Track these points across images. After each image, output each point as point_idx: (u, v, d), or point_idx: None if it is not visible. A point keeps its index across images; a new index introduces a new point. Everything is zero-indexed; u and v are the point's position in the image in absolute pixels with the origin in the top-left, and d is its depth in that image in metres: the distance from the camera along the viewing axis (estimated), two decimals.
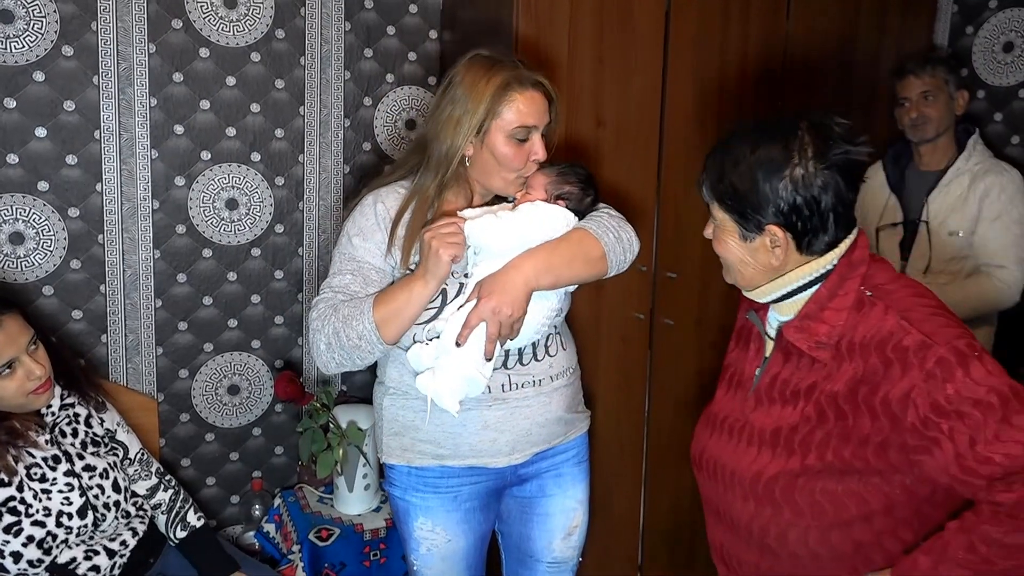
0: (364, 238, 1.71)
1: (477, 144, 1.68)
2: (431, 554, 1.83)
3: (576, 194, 1.76)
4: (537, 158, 1.69)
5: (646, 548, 2.68)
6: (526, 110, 1.65)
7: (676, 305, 2.53)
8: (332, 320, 1.63)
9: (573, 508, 1.91)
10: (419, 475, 1.80)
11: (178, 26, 2.25)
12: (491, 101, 1.64)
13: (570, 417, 1.86)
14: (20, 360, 1.73)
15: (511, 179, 1.70)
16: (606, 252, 1.73)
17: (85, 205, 2.23)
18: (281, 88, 2.39)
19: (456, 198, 1.77)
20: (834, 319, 1.31)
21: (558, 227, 1.70)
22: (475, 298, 1.63)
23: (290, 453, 2.58)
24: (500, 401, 1.74)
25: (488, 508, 1.88)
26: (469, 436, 1.75)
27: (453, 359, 1.61)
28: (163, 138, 2.29)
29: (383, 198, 1.74)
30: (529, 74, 1.68)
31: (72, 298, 2.26)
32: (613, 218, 1.79)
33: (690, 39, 2.39)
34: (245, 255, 2.43)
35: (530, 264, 1.64)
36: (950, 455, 1.19)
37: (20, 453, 1.76)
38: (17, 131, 2.13)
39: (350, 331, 1.61)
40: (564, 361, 1.83)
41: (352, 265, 1.70)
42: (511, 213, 1.69)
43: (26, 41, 2.11)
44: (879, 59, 2.69)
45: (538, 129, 1.69)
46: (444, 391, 1.63)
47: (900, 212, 2.50)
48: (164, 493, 2.03)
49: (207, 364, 2.44)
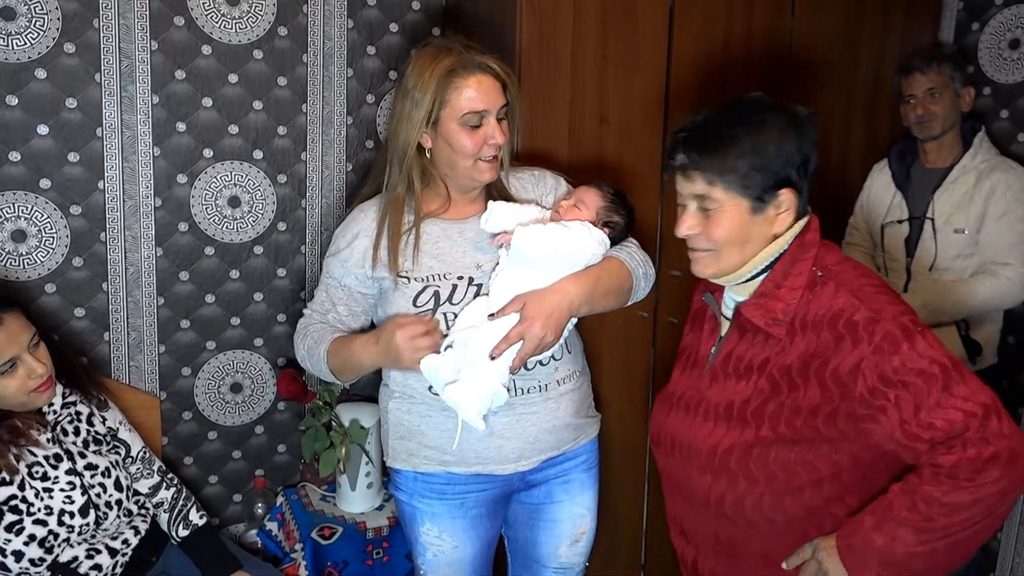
0: (339, 258, 1.77)
1: (433, 135, 1.68)
2: (437, 560, 1.82)
3: (620, 228, 1.79)
4: (495, 142, 1.67)
5: (649, 549, 2.67)
6: (475, 95, 1.64)
7: (680, 303, 2.52)
8: (303, 343, 1.81)
9: (581, 515, 1.90)
10: (425, 481, 1.79)
11: (180, 23, 2.24)
12: (437, 90, 1.64)
13: (579, 422, 1.84)
14: (21, 358, 1.73)
15: (470, 165, 1.69)
16: (633, 286, 1.77)
17: (87, 203, 2.22)
18: (283, 86, 2.38)
19: (433, 198, 1.76)
20: (789, 297, 1.38)
21: (599, 254, 1.72)
22: (512, 312, 1.61)
23: (292, 451, 2.58)
24: (505, 407, 1.71)
25: (495, 514, 1.87)
26: (475, 443, 1.73)
27: (480, 371, 1.60)
28: (165, 136, 2.28)
29: (364, 211, 1.78)
30: (475, 58, 1.66)
31: (74, 296, 2.25)
32: (640, 250, 1.82)
33: (694, 36, 2.38)
34: (247, 253, 2.42)
35: (576, 292, 1.65)
36: (895, 421, 1.27)
37: (22, 452, 1.76)
38: (19, 129, 2.13)
39: (313, 360, 1.77)
40: (570, 365, 1.81)
41: (328, 281, 1.81)
42: (561, 228, 1.67)
43: (28, 38, 2.10)
44: (884, 56, 2.68)
45: (490, 113, 1.66)
46: (471, 405, 1.60)
47: (905, 209, 2.49)
48: (166, 491, 2.03)
49: (209, 362, 2.44)
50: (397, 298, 1.71)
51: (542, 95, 2.23)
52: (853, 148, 2.72)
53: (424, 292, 1.68)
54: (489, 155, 1.69)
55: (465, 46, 1.68)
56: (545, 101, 2.23)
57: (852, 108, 2.70)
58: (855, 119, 2.71)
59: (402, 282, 1.70)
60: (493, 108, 1.66)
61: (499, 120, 1.68)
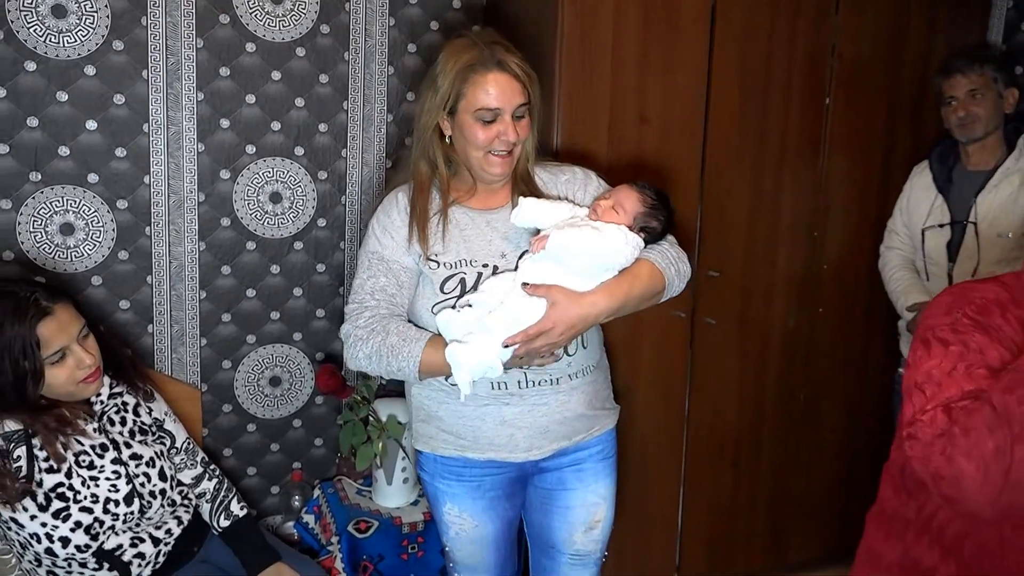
0: (390, 235, 1.76)
1: (451, 123, 1.74)
2: (460, 537, 1.89)
3: (656, 232, 1.78)
4: (507, 139, 1.70)
5: (684, 549, 2.66)
6: (491, 92, 1.68)
7: (718, 304, 2.51)
8: (380, 340, 1.69)
9: (595, 503, 1.90)
10: (444, 463, 1.85)
11: (225, 21, 2.27)
12: (454, 82, 1.69)
13: (593, 413, 1.85)
14: (71, 349, 1.76)
15: (481, 156, 1.73)
16: (666, 287, 1.76)
17: (133, 197, 2.26)
18: (325, 83, 2.40)
19: (460, 185, 1.81)
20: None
21: (631, 258, 1.72)
22: (541, 296, 1.63)
23: (329, 445, 2.60)
24: (517, 397, 1.75)
25: (513, 496, 1.91)
26: (487, 430, 1.78)
27: (486, 340, 1.62)
28: (209, 132, 2.31)
29: (402, 192, 1.80)
30: (496, 55, 1.69)
31: (120, 289, 2.29)
32: (673, 247, 1.81)
33: (736, 34, 2.37)
34: (288, 248, 2.45)
35: (605, 306, 1.67)
36: None
37: (69, 440, 1.79)
38: (68, 124, 2.17)
39: (394, 361, 1.67)
40: (583, 359, 1.82)
41: (383, 266, 1.75)
42: (597, 233, 1.67)
43: (78, 36, 2.14)
44: (930, 56, 2.64)
45: (504, 111, 1.69)
46: (465, 369, 1.63)
47: (947, 213, 2.45)
48: (209, 482, 2.06)
49: (249, 356, 2.47)
50: (424, 284, 1.74)
51: (582, 94, 2.23)
52: (897, 151, 2.69)
53: (451, 279, 1.71)
54: (500, 150, 1.72)
55: (491, 43, 1.71)
56: (585, 100, 2.23)
57: (896, 109, 2.67)
58: (899, 121, 2.68)
59: (432, 266, 1.72)
60: (507, 107, 1.69)
61: (517, 118, 1.71)
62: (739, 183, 2.49)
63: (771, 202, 2.55)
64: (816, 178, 2.61)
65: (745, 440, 2.68)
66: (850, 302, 2.75)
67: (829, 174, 2.62)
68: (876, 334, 2.80)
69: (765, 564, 2.82)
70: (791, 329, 2.67)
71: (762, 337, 2.63)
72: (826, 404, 2.79)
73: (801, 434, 2.77)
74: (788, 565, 2.87)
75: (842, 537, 2.95)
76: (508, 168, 1.76)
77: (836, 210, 2.66)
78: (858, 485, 2.92)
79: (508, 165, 1.75)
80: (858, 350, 2.80)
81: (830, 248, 2.68)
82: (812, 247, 2.64)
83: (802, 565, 2.89)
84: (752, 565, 2.80)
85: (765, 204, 2.54)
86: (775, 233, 2.58)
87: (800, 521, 2.84)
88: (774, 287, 2.62)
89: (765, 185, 2.53)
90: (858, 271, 2.73)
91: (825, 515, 2.88)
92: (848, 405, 2.83)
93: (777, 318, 2.64)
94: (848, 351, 2.78)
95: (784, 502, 2.79)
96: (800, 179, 2.58)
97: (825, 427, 2.81)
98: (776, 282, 2.62)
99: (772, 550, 2.83)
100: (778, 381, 2.69)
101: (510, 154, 1.74)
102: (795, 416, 2.75)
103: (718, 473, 2.67)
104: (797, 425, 2.76)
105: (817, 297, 2.69)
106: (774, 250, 2.59)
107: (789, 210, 2.59)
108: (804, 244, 2.63)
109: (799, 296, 2.66)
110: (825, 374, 2.76)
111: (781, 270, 2.61)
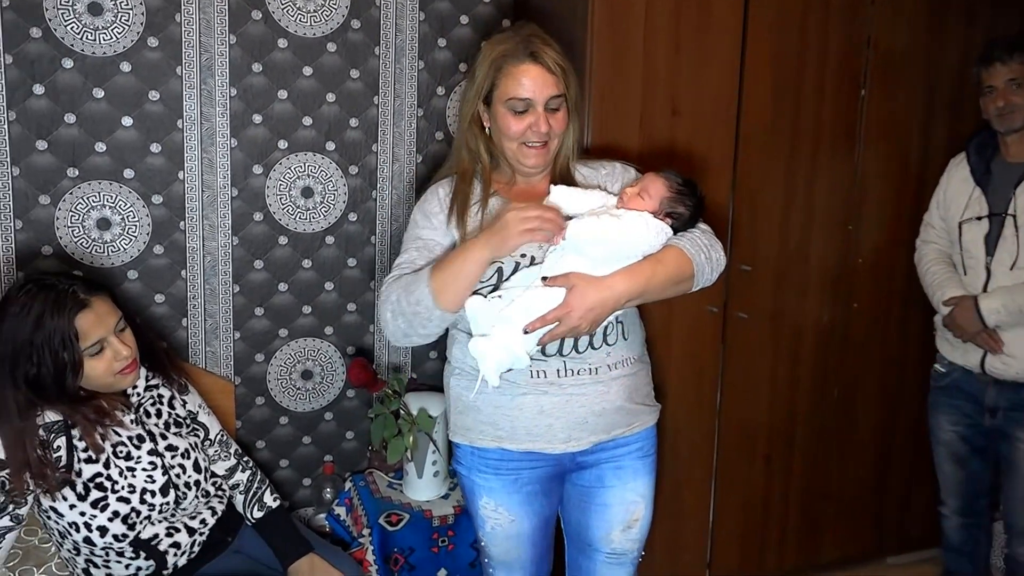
0: (428, 220, 1.80)
1: (488, 113, 1.78)
2: (495, 533, 1.88)
3: (684, 218, 1.76)
4: (539, 130, 1.72)
5: (715, 546, 2.65)
6: (523, 82, 1.71)
7: (750, 298, 2.49)
8: (395, 288, 1.70)
9: (634, 501, 1.89)
10: (481, 456, 1.84)
11: (258, 17, 2.29)
12: (489, 71, 1.74)
13: (632, 407, 1.84)
14: (108, 341, 1.79)
15: (515, 147, 1.76)
16: (695, 273, 1.74)
17: (168, 192, 2.29)
18: (356, 78, 2.41)
19: (500, 176, 1.83)
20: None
21: (656, 244, 1.70)
22: (560, 285, 1.63)
23: (360, 438, 2.62)
24: (555, 387, 1.75)
25: (551, 492, 1.90)
26: (525, 420, 1.77)
27: (507, 331, 1.62)
28: (242, 127, 2.33)
29: (442, 185, 1.84)
30: (530, 47, 1.71)
31: (155, 283, 2.32)
32: (705, 235, 1.80)
33: (769, 25, 2.35)
34: (319, 243, 2.47)
35: (624, 289, 1.65)
36: None
37: (107, 432, 1.82)
38: (105, 120, 2.20)
39: (410, 297, 1.66)
40: (624, 351, 1.81)
41: (418, 243, 1.79)
42: (616, 221, 1.66)
43: (114, 33, 2.17)
44: (968, 46, 2.59)
45: (536, 102, 1.71)
46: (492, 361, 1.64)
47: (985, 205, 2.40)
48: (242, 474, 2.08)
49: (281, 349, 2.49)
50: None
51: (613, 86, 2.22)
52: (935, 143, 2.65)
53: (488, 267, 1.70)
54: (534, 141, 1.74)
55: (528, 36, 1.74)
56: (616, 92, 2.22)
57: (934, 101, 2.62)
58: (937, 113, 2.63)
59: None
60: (539, 98, 1.71)
61: (552, 111, 1.73)
62: (772, 176, 2.46)
63: (804, 195, 2.52)
64: (851, 171, 2.57)
65: (778, 436, 2.66)
66: (885, 297, 2.71)
67: (864, 167, 2.58)
68: (912, 330, 2.76)
69: (797, 563, 2.80)
70: (825, 324, 2.64)
71: (795, 332, 2.61)
72: (860, 401, 2.76)
73: (835, 431, 2.74)
74: (821, 564, 2.84)
75: (876, 537, 2.92)
76: (543, 160, 1.77)
77: (871, 203, 2.62)
78: (893, 484, 2.89)
79: (543, 157, 1.76)
80: (893, 346, 2.76)
81: (865, 242, 2.64)
82: (846, 241, 2.61)
83: (835, 564, 2.86)
84: (784, 563, 2.77)
85: (798, 197, 2.51)
86: (809, 227, 2.55)
87: (833, 520, 2.81)
88: (808, 281, 2.59)
89: (798, 178, 2.50)
90: (893, 265, 2.69)
91: (859, 514, 2.85)
92: (883, 402, 2.79)
93: (811, 313, 2.61)
94: (883, 347, 2.75)
95: (817, 500, 2.76)
96: (834, 172, 2.55)
97: (859, 424, 2.77)
98: (810, 276, 2.59)
99: (805, 548, 2.80)
100: (811, 377, 2.66)
101: (545, 146, 1.75)
102: (828, 413, 2.71)
103: (750, 470, 2.64)
104: (831, 422, 2.72)
105: (851, 292, 2.66)
106: (808, 244, 2.56)
107: (823, 203, 2.55)
108: (838, 238, 2.60)
109: (833, 290, 2.63)
110: (859, 370, 2.73)
111: (815, 264, 2.58)
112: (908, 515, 2.92)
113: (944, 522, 2.63)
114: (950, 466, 2.56)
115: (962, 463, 2.53)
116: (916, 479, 2.88)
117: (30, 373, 1.73)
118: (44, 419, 1.76)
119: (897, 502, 2.91)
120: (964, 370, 2.44)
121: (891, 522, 2.92)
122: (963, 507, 2.58)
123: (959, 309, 2.36)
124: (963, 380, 2.45)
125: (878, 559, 2.97)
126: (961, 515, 2.59)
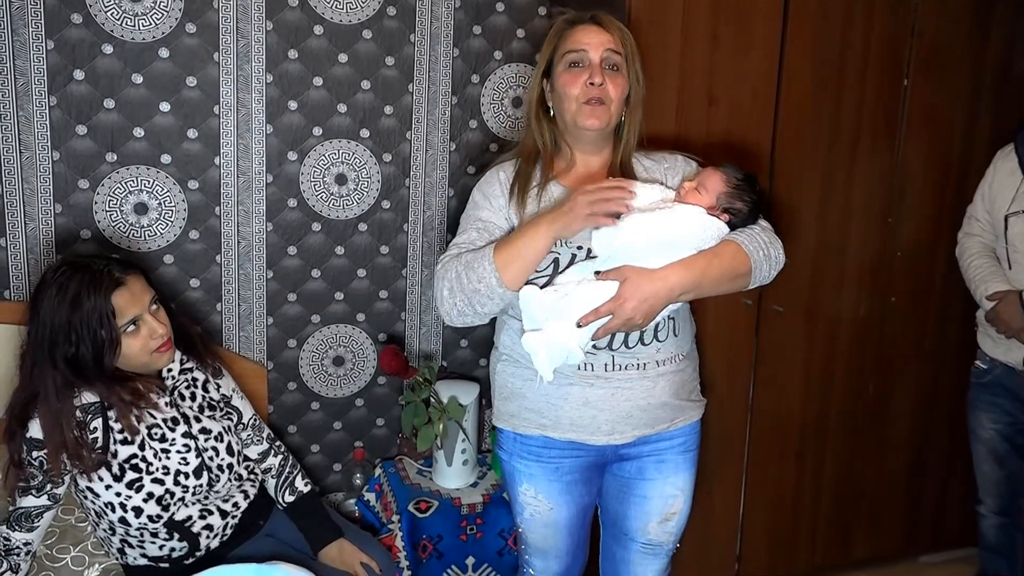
0: (488, 201, 1.80)
1: (550, 88, 1.79)
2: (534, 520, 1.89)
3: (743, 214, 1.74)
4: (594, 82, 1.70)
5: (745, 541, 2.62)
6: (578, 38, 1.74)
7: (785, 291, 2.45)
8: (455, 265, 1.69)
9: (672, 495, 1.88)
10: (523, 442, 1.85)
11: (294, 4, 2.29)
12: (551, 40, 1.78)
13: (677, 403, 1.83)
14: (143, 319, 1.81)
15: (574, 110, 1.74)
16: (752, 269, 1.72)
17: (204, 178, 2.31)
18: (391, 65, 2.41)
19: (560, 160, 1.83)
20: None
21: (710, 241, 1.69)
22: (613, 279, 1.62)
23: (391, 425, 2.63)
24: (602, 380, 1.74)
25: (590, 482, 1.90)
26: (570, 410, 1.77)
27: (562, 326, 1.62)
28: (277, 114, 2.34)
29: (504, 168, 1.84)
30: (588, 13, 1.77)
31: (190, 267, 2.35)
32: (765, 231, 1.77)
33: (810, 14, 2.30)
34: (352, 230, 2.47)
35: (678, 281, 1.64)
36: None
37: (143, 413, 1.84)
38: (143, 106, 2.22)
39: (471, 274, 1.66)
40: (674, 347, 1.79)
41: (478, 224, 1.78)
42: (667, 214, 1.64)
43: (152, 19, 2.19)
44: (1015, 36, 2.53)
45: (590, 52, 1.72)
46: (545, 356, 1.64)
47: None
48: (274, 458, 2.10)
49: (314, 335, 2.51)
50: None
51: (650, 74, 2.16)
52: (979, 135, 2.59)
53: (545, 257, 1.69)
54: (593, 97, 1.71)
55: (593, 11, 1.78)
56: (653, 80, 2.18)
57: (979, 92, 2.56)
58: (982, 104, 2.57)
59: None
60: (594, 49, 1.72)
61: (611, 70, 1.73)
62: (810, 167, 2.42)
63: (843, 187, 2.48)
64: (891, 162, 2.52)
65: (810, 432, 2.63)
66: (924, 291, 2.66)
67: (905, 158, 2.53)
68: (951, 325, 2.71)
69: (828, 560, 2.77)
70: (861, 318, 2.59)
71: (831, 326, 2.57)
72: (896, 397, 2.71)
73: (869, 427, 2.70)
74: (852, 563, 2.81)
75: (910, 535, 2.87)
76: (603, 122, 1.74)
77: (912, 195, 2.57)
78: (928, 482, 2.84)
79: (603, 117, 1.73)
80: (932, 342, 2.71)
81: (904, 234, 2.59)
82: (885, 233, 2.56)
83: (867, 562, 2.83)
84: (815, 561, 2.74)
85: (837, 189, 2.47)
86: (847, 219, 2.51)
87: (866, 517, 2.78)
88: (845, 274, 2.55)
89: (837, 169, 2.46)
90: (934, 259, 2.64)
91: (892, 512, 2.81)
92: (920, 399, 2.74)
93: (847, 306, 2.57)
94: (921, 342, 2.70)
95: (849, 497, 2.73)
96: (875, 163, 2.50)
97: (895, 421, 2.73)
98: (847, 269, 2.54)
99: (836, 546, 2.76)
100: (846, 372, 2.62)
101: (603, 104, 1.72)
102: (863, 409, 2.67)
103: (782, 465, 2.62)
104: (865, 418, 2.68)
105: (890, 285, 2.61)
106: (845, 236, 2.52)
107: (862, 195, 2.51)
108: (877, 230, 2.56)
109: (871, 284, 2.59)
110: (896, 366, 2.68)
111: (852, 257, 2.54)
112: (942, 513, 2.87)
113: (981, 521, 2.59)
114: (989, 464, 2.51)
115: (1001, 462, 2.49)
116: (951, 477, 2.83)
117: (68, 353, 1.75)
118: (81, 400, 1.78)
119: (932, 500, 2.86)
120: (1006, 367, 2.39)
121: (925, 520, 2.87)
122: (1002, 506, 2.53)
123: (1003, 304, 2.31)
124: (1005, 377, 2.40)
125: (911, 557, 2.93)
126: (999, 514, 2.54)
